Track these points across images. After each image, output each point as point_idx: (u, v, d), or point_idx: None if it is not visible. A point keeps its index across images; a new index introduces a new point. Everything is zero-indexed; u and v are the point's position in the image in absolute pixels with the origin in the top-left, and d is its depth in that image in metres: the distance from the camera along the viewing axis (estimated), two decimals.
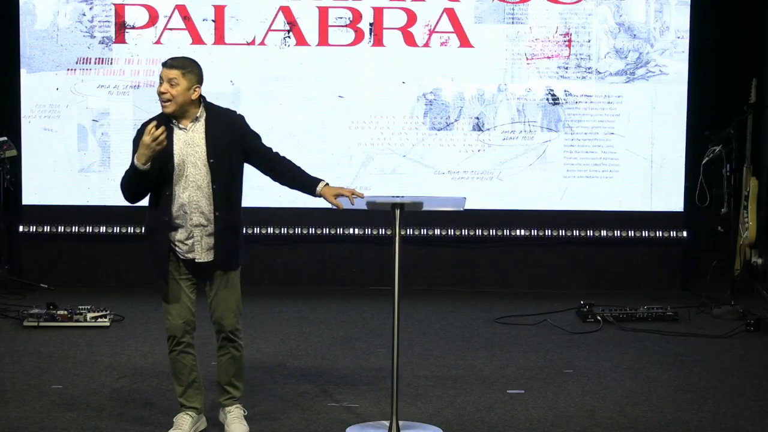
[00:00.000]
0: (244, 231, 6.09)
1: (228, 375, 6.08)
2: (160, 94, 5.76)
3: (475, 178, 9.64)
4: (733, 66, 9.73)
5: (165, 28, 9.50)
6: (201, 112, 5.84)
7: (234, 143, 5.85)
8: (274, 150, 5.99)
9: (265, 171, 5.99)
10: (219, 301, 5.95)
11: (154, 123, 5.67)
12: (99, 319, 8.29)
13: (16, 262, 9.72)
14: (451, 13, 9.51)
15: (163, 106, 5.79)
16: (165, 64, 5.80)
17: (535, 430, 6.22)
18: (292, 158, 6.04)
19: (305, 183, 5.95)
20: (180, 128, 5.81)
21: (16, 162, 9.46)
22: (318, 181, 5.94)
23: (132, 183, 5.77)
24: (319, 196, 5.92)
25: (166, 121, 5.79)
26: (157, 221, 5.82)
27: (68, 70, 9.51)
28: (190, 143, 5.80)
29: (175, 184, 5.78)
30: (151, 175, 5.71)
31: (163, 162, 5.74)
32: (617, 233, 9.70)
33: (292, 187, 6.01)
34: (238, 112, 5.99)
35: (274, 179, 6.02)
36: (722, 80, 9.73)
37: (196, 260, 5.85)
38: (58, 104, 9.55)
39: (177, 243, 5.84)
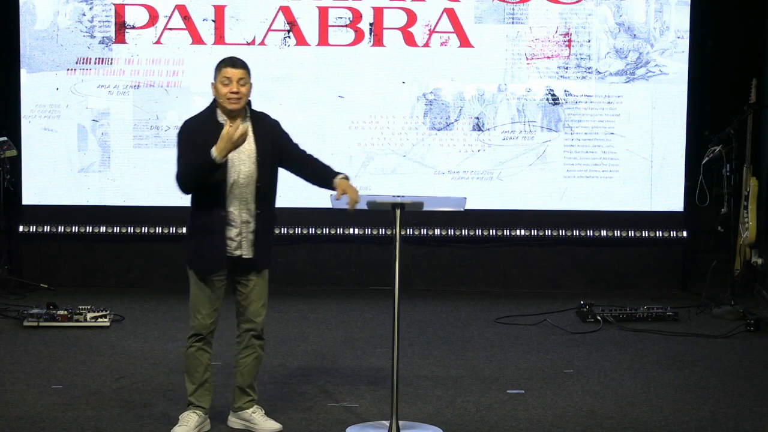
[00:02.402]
0: None
1: (250, 377, 6.07)
2: (231, 93, 5.78)
3: (475, 178, 9.64)
4: (733, 66, 9.73)
5: (165, 28, 9.50)
6: (246, 112, 5.89)
7: (275, 144, 5.92)
8: (308, 152, 6.06)
9: (296, 171, 6.03)
10: (253, 299, 5.98)
11: (238, 122, 5.72)
12: (99, 319, 8.29)
13: (16, 262, 9.72)
14: (451, 13, 9.52)
15: (229, 104, 5.79)
16: (233, 64, 5.83)
17: (535, 430, 6.22)
18: None
19: (326, 179, 5.96)
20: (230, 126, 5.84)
21: (16, 162, 9.46)
22: (335, 174, 5.95)
23: (198, 175, 5.74)
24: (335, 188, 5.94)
25: (214, 119, 5.83)
26: (212, 218, 5.82)
27: (68, 70, 9.51)
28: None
29: (227, 182, 5.81)
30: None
31: None
32: (617, 233, 9.70)
33: (319, 185, 6.02)
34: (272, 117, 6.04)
35: (305, 179, 6.05)
36: (722, 80, 9.73)
37: (243, 256, 5.88)
38: (58, 104, 9.55)
39: (227, 240, 5.86)
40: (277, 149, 5.94)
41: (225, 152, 5.69)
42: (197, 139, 5.77)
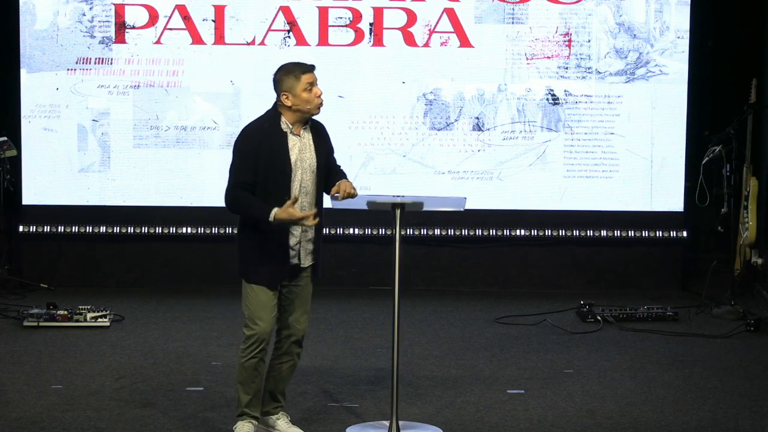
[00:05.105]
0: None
1: (284, 383, 6.04)
2: (317, 97, 5.80)
3: (475, 178, 9.64)
4: (733, 66, 9.72)
5: (165, 28, 9.50)
6: (307, 120, 5.88)
7: (327, 152, 5.93)
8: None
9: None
10: (298, 305, 5.94)
11: (314, 212, 5.74)
12: (99, 319, 8.29)
13: (16, 262, 9.72)
14: (451, 13, 9.52)
15: (318, 110, 5.83)
16: (310, 68, 5.83)
17: (535, 430, 6.22)
18: None
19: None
20: (293, 134, 5.81)
21: (16, 162, 9.46)
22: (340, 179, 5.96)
23: (249, 217, 5.77)
24: None
25: (277, 127, 5.78)
26: (274, 229, 5.77)
27: (68, 70, 9.51)
28: (302, 150, 5.81)
29: (291, 190, 5.78)
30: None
31: (279, 168, 5.72)
32: (617, 233, 9.70)
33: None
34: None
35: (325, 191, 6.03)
36: (722, 80, 9.73)
37: (301, 265, 5.87)
38: (58, 104, 9.55)
39: (289, 249, 5.84)
40: (328, 155, 5.96)
41: (283, 223, 5.69)
42: (261, 151, 5.71)
